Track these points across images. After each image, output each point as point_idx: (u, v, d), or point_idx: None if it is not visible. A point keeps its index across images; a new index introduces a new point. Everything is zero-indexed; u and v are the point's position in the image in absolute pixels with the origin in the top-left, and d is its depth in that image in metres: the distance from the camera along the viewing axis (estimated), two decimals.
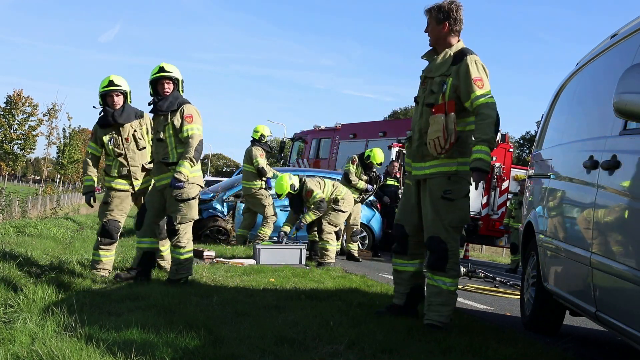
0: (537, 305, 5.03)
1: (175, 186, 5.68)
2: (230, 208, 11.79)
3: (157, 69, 5.87)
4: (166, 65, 5.88)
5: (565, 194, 4.42)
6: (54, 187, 40.44)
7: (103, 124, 6.39)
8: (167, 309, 4.38)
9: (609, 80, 3.89)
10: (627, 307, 3.13)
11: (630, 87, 2.94)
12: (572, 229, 4.16)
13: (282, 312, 4.60)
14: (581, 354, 4.35)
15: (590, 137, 4.02)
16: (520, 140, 57.98)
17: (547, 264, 4.74)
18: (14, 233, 10.93)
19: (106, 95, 6.34)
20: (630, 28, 3.85)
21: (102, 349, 3.20)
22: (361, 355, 3.49)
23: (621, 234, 3.24)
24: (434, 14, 4.49)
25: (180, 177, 5.65)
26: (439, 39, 4.52)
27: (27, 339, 3.46)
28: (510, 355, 3.72)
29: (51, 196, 28.64)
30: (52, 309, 4.09)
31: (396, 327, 4.23)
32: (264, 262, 8.12)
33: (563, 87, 5.43)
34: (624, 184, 3.26)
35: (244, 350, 3.37)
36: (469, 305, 6.57)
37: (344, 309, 4.79)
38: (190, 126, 5.77)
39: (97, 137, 6.48)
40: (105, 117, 6.36)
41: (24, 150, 42.75)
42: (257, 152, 10.53)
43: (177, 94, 5.90)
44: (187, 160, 5.71)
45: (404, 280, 4.73)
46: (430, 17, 4.54)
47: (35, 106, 44.05)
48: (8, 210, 18.86)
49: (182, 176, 5.66)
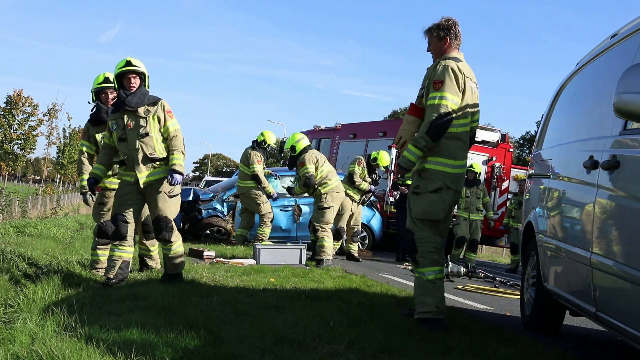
0: (537, 305, 5.03)
1: (176, 181, 5.70)
2: (230, 208, 11.79)
3: (123, 63, 5.70)
4: (133, 60, 5.73)
5: (565, 194, 4.42)
6: (54, 187, 40.48)
7: (96, 121, 6.34)
8: (167, 309, 4.38)
9: (609, 80, 3.89)
10: (627, 307, 3.13)
11: (630, 87, 2.94)
12: (572, 229, 4.16)
13: (282, 312, 4.60)
14: (581, 354, 4.35)
15: (590, 137, 4.02)
16: (520, 140, 58.00)
17: (547, 264, 4.74)
18: (14, 233, 10.94)
19: (100, 91, 6.30)
20: (630, 28, 3.85)
21: (102, 349, 3.20)
22: (361, 355, 3.49)
23: (621, 234, 3.24)
24: (434, 32, 4.72)
25: (182, 171, 5.70)
26: (441, 53, 4.71)
27: (27, 339, 3.46)
28: (510, 355, 3.72)
29: (51, 196, 28.66)
30: (52, 309, 4.09)
31: (396, 327, 4.23)
32: (264, 262, 8.12)
33: (563, 87, 5.43)
34: (623, 184, 3.26)
35: (244, 350, 3.37)
36: (469, 305, 6.57)
37: (344, 309, 4.79)
38: (173, 121, 5.79)
39: (89, 135, 6.42)
40: (99, 114, 6.30)
41: (24, 150, 42.75)
42: (255, 158, 10.47)
43: (144, 89, 5.79)
44: (182, 155, 5.74)
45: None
46: (431, 36, 4.77)
47: (35, 106, 44.06)
48: (8, 210, 18.87)
49: (183, 169, 5.70)
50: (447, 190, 4.56)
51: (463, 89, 4.53)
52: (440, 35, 4.68)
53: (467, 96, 4.57)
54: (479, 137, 14.64)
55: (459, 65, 4.54)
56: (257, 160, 10.45)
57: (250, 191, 10.50)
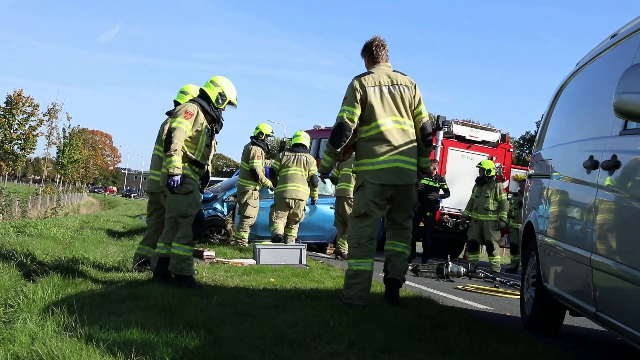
0: (537, 305, 5.03)
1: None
2: (230, 208, 11.79)
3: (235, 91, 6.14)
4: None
5: (565, 194, 4.42)
6: (54, 187, 40.47)
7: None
8: (167, 309, 4.38)
9: (609, 80, 3.89)
10: (627, 307, 3.13)
11: (630, 87, 2.94)
12: (572, 229, 4.15)
13: (282, 312, 4.59)
14: (581, 354, 4.35)
15: (590, 137, 4.02)
16: (520, 140, 57.98)
17: (547, 264, 4.73)
18: (14, 233, 10.93)
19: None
20: (630, 28, 3.85)
21: (102, 349, 3.20)
22: (361, 355, 3.49)
23: (621, 234, 3.24)
24: (361, 54, 5.51)
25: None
26: (366, 69, 5.44)
27: (27, 338, 3.46)
28: (510, 355, 3.72)
29: (51, 196, 28.67)
30: (52, 309, 4.09)
31: (396, 327, 4.23)
32: (264, 262, 8.12)
33: (563, 87, 5.43)
34: (623, 184, 3.26)
35: (244, 350, 3.37)
36: (469, 305, 6.57)
37: (344, 309, 4.79)
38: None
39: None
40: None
41: (24, 150, 42.69)
42: (256, 153, 10.39)
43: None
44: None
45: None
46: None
47: (35, 106, 43.98)
48: (8, 210, 18.89)
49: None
50: (369, 185, 5.17)
51: (364, 99, 5.13)
52: (361, 55, 5.49)
53: (374, 102, 5.14)
54: (479, 137, 14.65)
55: (364, 79, 5.19)
56: (257, 155, 10.37)
57: (247, 188, 10.41)
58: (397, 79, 5.26)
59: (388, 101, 5.19)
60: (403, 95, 5.22)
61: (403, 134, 5.20)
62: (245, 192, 10.41)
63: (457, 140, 14.32)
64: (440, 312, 5.16)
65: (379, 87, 5.19)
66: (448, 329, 4.34)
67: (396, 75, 5.28)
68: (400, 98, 5.21)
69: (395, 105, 5.19)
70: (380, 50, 5.38)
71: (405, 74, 5.35)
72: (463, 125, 14.56)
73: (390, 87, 5.22)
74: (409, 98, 5.24)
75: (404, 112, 5.22)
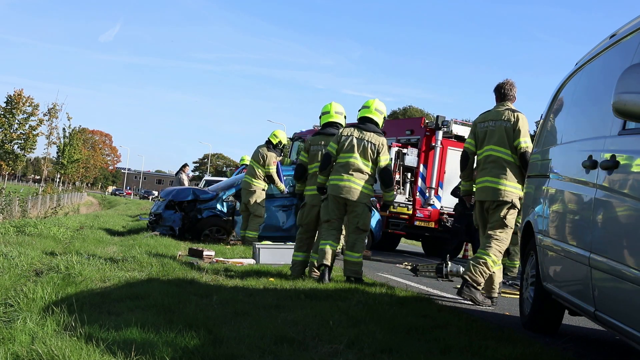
0: (536, 304, 5.04)
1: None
2: (230, 208, 11.80)
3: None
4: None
5: (564, 194, 4.42)
6: (54, 186, 40.46)
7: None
8: (167, 309, 4.39)
9: (608, 80, 3.89)
10: (626, 306, 3.14)
11: (629, 87, 2.94)
12: (571, 229, 4.16)
13: (281, 312, 4.60)
14: (580, 353, 4.35)
15: (589, 137, 4.03)
16: None
17: (546, 264, 4.74)
18: (14, 233, 10.93)
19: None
20: (629, 28, 3.85)
21: (102, 348, 3.20)
22: (361, 355, 3.49)
23: (620, 233, 3.24)
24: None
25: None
26: None
27: (27, 338, 3.46)
28: (509, 354, 3.72)
29: (51, 196, 28.67)
30: (52, 308, 4.10)
31: (396, 326, 4.23)
32: (264, 261, 8.13)
33: (562, 86, 5.43)
34: (622, 184, 3.26)
35: (243, 350, 3.38)
36: (468, 305, 6.57)
37: (343, 309, 4.80)
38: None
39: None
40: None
41: (24, 150, 42.68)
42: (272, 159, 10.84)
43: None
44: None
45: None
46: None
47: (35, 106, 43.96)
48: (8, 210, 18.89)
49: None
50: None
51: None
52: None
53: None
54: None
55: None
56: (273, 161, 10.85)
57: (255, 187, 10.77)
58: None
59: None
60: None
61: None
62: (253, 192, 10.66)
63: (457, 140, 14.32)
64: (439, 311, 5.16)
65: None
66: (447, 328, 4.34)
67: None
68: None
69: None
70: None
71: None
72: (462, 125, 14.56)
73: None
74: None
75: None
